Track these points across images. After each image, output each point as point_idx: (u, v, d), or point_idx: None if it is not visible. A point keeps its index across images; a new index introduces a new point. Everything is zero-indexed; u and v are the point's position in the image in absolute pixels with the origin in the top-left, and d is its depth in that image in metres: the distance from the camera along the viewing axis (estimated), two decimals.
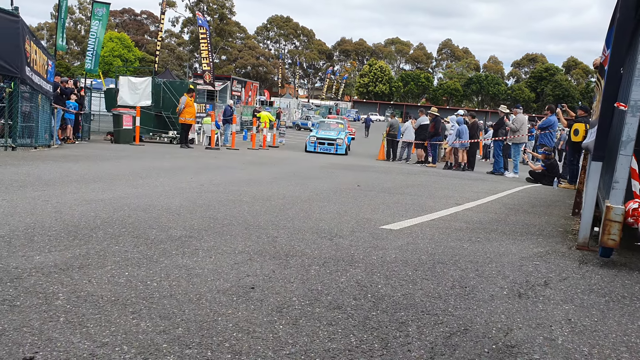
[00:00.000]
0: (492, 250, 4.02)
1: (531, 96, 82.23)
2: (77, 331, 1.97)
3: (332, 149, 21.57)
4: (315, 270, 3.04)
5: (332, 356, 1.91)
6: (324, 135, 22.11)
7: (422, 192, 8.56)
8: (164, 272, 2.77)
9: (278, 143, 25.69)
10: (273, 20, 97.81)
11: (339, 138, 21.86)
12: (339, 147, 21.69)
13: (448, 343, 2.10)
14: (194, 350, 1.88)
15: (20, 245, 3.12)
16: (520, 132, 16.19)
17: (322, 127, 24.35)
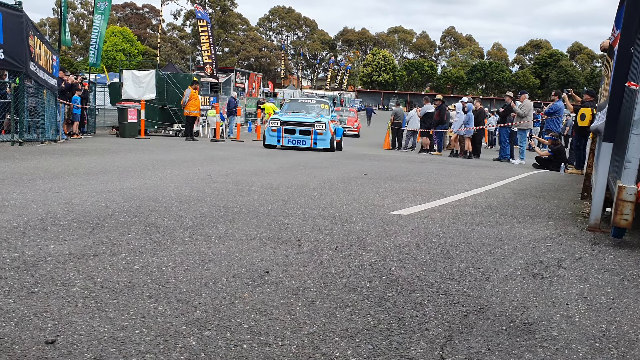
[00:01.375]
0: (504, 233, 4.01)
1: (536, 82, 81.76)
2: (97, 315, 1.98)
3: (306, 140, 14.33)
4: (328, 255, 3.04)
5: (351, 335, 1.91)
6: (294, 119, 14.53)
7: (430, 179, 8.54)
8: (179, 259, 2.78)
9: None
10: (275, 11, 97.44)
11: (319, 123, 14.41)
12: (319, 138, 14.36)
13: (465, 322, 2.10)
14: (213, 331, 1.89)
15: (34, 235, 3.14)
16: (526, 118, 16.11)
17: (292, 107, 16.20)
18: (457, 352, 1.82)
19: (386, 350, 1.81)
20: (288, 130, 14.33)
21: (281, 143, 14.40)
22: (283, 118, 14.68)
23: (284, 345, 1.81)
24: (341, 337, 1.89)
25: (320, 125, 14.43)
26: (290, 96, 57.52)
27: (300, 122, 14.46)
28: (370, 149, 19.85)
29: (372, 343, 1.86)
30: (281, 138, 14.35)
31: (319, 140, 14.42)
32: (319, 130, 14.40)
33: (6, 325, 1.85)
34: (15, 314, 1.96)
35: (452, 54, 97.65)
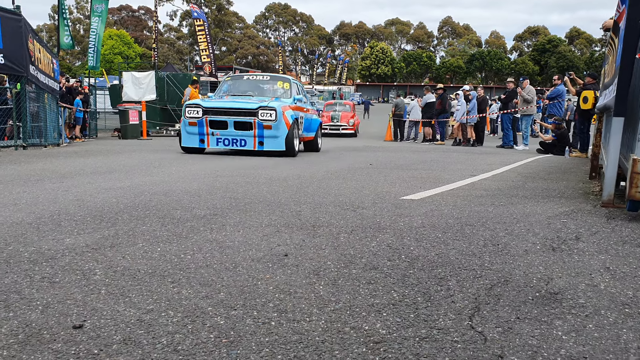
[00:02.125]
0: (517, 211, 4.00)
1: (535, 69, 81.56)
2: (121, 301, 1.97)
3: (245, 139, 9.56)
4: (344, 238, 3.03)
5: (377, 310, 1.90)
6: (225, 105, 9.76)
7: (436, 166, 8.53)
8: (196, 246, 2.77)
9: None
10: (271, 8, 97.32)
11: (266, 110, 9.37)
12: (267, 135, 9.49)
13: (491, 293, 2.09)
14: (239, 311, 1.88)
15: (49, 230, 3.13)
16: (532, 103, 16.06)
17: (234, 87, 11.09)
18: (486, 321, 1.80)
19: (415, 322, 1.80)
20: (216, 124, 9.51)
21: (207, 145, 9.65)
22: (207, 104, 9.79)
23: (311, 321, 1.80)
24: (368, 312, 1.88)
25: (268, 114, 9.26)
26: None
27: (235, 110, 9.44)
28: (372, 141, 19.83)
29: (400, 316, 1.84)
30: (206, 136, 9.61)
31: (267, 139, 9.47)
32: (265, 121, 9.29)
33: (32, 313, 1.85)
34: (39, 302, 1.95)
35: (450, 44, 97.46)
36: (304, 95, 11.90)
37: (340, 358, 1.53)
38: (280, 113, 9.49)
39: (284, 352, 1.56)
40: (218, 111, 9.62)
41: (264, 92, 10.88)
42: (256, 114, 9.41)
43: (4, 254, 2.60)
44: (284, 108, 9.67)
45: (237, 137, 9.61)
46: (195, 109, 9.68)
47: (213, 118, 9.56)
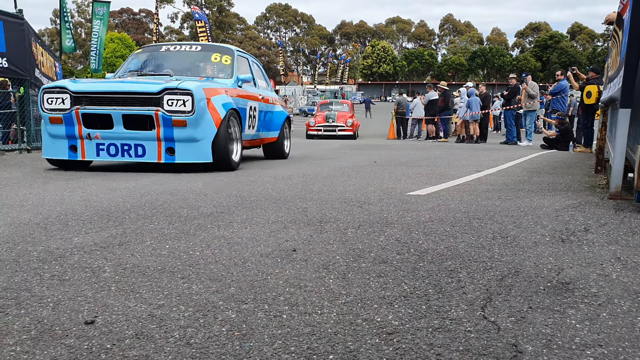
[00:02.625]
0: (525, 205, 3.99)
1: (537, 65, 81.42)
2: (131, 297, 1.97)
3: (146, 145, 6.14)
4: (352, 233, 3.03)
5: (389, 302, 1.89)
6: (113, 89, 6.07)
7: (440, 163, 8.53)
8: (204, 243, 2.77)
9: None
10: (272, 9, 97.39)
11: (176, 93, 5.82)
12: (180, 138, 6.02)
13: (502, 284, 2.08)
14: (250, 305, 1.87)
15: (57, 230, 3.14)
16: (536, 99, 16.02)
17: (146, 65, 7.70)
18: (498, 311, 1.80)
19: (427, 313, 1.79)
20: (94, 120, 6.17)
21: (80, 154, 6.33)
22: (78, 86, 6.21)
23: (323, 313, 1.79)
24: (379, 304, 1.87)
25: (178, 102, 5.87)
26: (292, 93, 56.68)
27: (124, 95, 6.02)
28: (375, 140, 19.83)
29: (412, 308, 1.84)
30: (79, 141, 6.27)
31: (179, 144, 6.12)
32: (175, 114, 5.91)
33: (43, 310, 1.84)
34: (50, 299, 1.95)
35: (452, 42, 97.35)
36: (261, 78, 8.80)
37: (353, 349, 1.52)
38: (202, 100, 6.04)
39: (297, 344, 1.56)
40: (96, 98, 6.08)
41: (194, 71, 7.56)
42: (160, 101, 5.91)
43: (12, 253, 2.60)
44: (209, 92, 6.21)
45: (129, 141, 6.18)
46: (58, 95, 6.10)
47: (88, 110, 6.06)
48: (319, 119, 21.22)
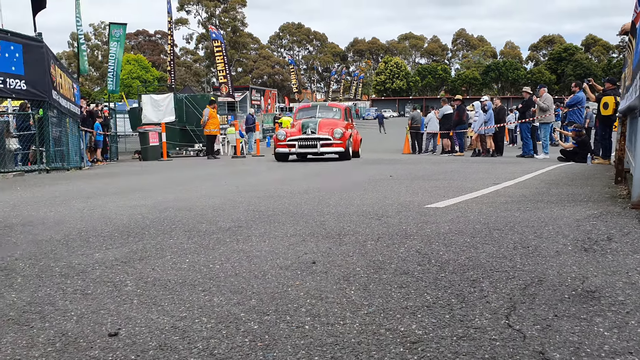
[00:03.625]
0: (545, 215, 3.94)
1: (552, 78, 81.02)
2: (154, 309, 1.98)
3: None
4: (371, 245, 3.01)
5: (412, 312, 1.88)
6: None
7: (457, 176, 8.48)
8: (224, 257, 2.78)
9: None
10: (285, 28, 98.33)
11: None
12: None
13: (526, 293, 2.05)
14: (272, 316, 1.87)
15: (78, 246, 3.17)
16: (549, 112, 15.92)
17: None
18: (523, 320, 1.77)
19: (450, 322, 1.77)
20: None
21: None
22: None
23: (345, 324, 1.78)
24: (402, 314, 1.86)
25: None
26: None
27: None
28: (390, 154, 19.80)
29: (435, 317, 1.82)
30: None
31: None
32: None
33: (67, 323, 1.86)
34: (73, 313, 1.97)
35: (465, 56, 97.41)
36: None
37: (377, 358, 1.51)
38: None
39: (321, 354, 1.55)
40: None
41: None
42: None
43: (35, 269, 2.63)
44: None
45: None
46: None
47: None
48: (293, 129, 14.36)
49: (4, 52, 9.63)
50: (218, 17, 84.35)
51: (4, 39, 9.74)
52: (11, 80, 9.85)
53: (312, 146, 13.60)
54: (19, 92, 10.19)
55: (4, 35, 9.87)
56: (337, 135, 13.61)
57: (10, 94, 10.30)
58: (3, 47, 9.64)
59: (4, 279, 2.44)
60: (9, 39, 9.90)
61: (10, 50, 9.81)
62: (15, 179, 9.31)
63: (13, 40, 10.00)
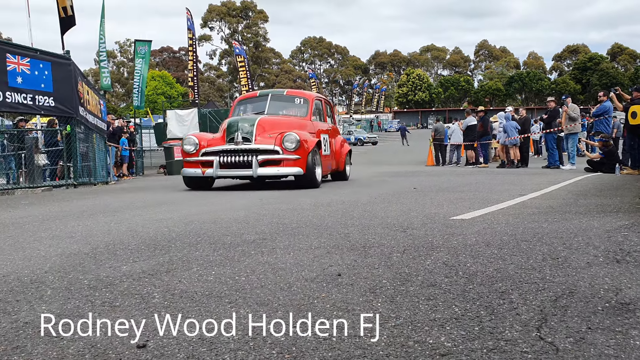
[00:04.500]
0: (573, 226, 3.87)
1: (577, 88, 80.00)
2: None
3: None
4: (397, 257, 2.99)
5: (440, 324, 1.85)
6: None
7: (482, 188, 8.40)
8: (249, 269, 2.78)
9: None
10: (306, 42, 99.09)
11: None
12: None
13: (557, 305, 2.01)
14: (299, 328, 1.86)
15: (105, 259, 3.20)
16: (577, 121, 15.70)
17: None
18: (555, 332, 1.73)
19: (480, 334, 1.74)
20: None
21: None
22: None
23: (373, 336, 1.76)
24: (431, 327, 1.83)
25: None
26: None
27: None
28: (413, 167, 19.70)
29: (464, 329, 1.79)
30: None
31: None
32: None
33: (96, 335, 1.87)
34: (102, 324, 1.98)
35: (488, 67, 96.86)
36: None
37: None
38: None
39: None
40: None
41: None
42: None
43: (64, 281, 2.66)
44: None
45: None
46: None
47: None
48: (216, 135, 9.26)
49: (33, 70, 9.88)
50: (241, 33, 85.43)
51: (34, 57, 10.00)
52: (40, 97, 10.09)
53: (242, 164, 8.30)
54: (48, 108, 10.42)
55: (33, 53, 10.12)
56: (289, 146, 8.16)
57: (39, 111, 10.54)
58: (32, 65, 9.89)
59: (35, 291, 2.47)
60: (39, 57, 10.15)
61: (39, 68, 10.06)
62: (43, 194, 9.50)
63: (42, 58, 10.25)
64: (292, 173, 8.54)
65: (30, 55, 9.93)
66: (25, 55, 9.77)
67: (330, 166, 10.30)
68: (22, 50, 9.94)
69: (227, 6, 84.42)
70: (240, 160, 8.39)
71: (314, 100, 10.22)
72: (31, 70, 9.85)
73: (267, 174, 8.49)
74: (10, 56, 9.42)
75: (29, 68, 9.79)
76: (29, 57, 9.85)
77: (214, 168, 8.42)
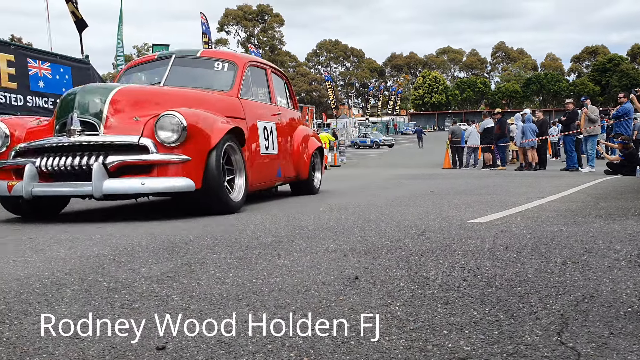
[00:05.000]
0: (594, 230, 3.82)
1: (596, 89, 79.05)
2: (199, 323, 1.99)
3: None
4: (415, 260, 2.98)
5: (459, 328, 1.84)
6: None
7: (500, 191, 8.34)
8: (266, 271, 2.79)
9: (339, 162, 25.82)
10: (322, 45, 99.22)
11: None
12: None
13: (578, 309, 1.99)
14: (317, 331, 1.86)
15: (124, 262, 3.23)
16: (597, 123, 15.51)
17: None
18: (577, 337, 1.71)
19: (500, 338, 1.72)
20: None
21: None
22: None
23: (391, 340, 1.76)
24: (449, 330, 1.82)
25: None
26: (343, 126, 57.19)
27: None
28: (430, 169, 19.62)
29: (484, 333, 1.78)
30: None
31: None
32: None
33: (116, 336, 1.89)
34: (121, 326, 2.00)
35: (505, 69, 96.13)
36: None
37: None
38: None
39: None
40: None
41: None
42: None
43: (84, 283, 2.69)
44: None
45: None
46: None
47: None
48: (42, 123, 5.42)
49: (54, 74, 10.02)
50: (257, 36, 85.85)
51: (54, 62, 10.14)
52: None
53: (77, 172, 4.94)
54: None
55: (53, 58, 10.27)
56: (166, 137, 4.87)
57: None
58: (54, 69, 10.04)
59: (55, 292, 2.50)
60: (59, 62, 10.30)
61: (60, 73, 10.20)
62: None
63: (62, 62, 10.39)
64: (171, 188, 4.99)
65: (50, 60, 10.07)
66: (45, 60, 9.92)
67: (280, 172, 7.18)
68: (43, 55, 10.08)
69: (244, 10, 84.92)
70: (72, 166, 4.86)
71: (246, 65, 6.45)
72: (52, 74, 9.99)
73: (121, 190, 4.93)
74: (32, 61, 9.56)
75: (50, 72, 9.93)
76: (49, 61, 9.99)
77: (24, 180, 4.86)
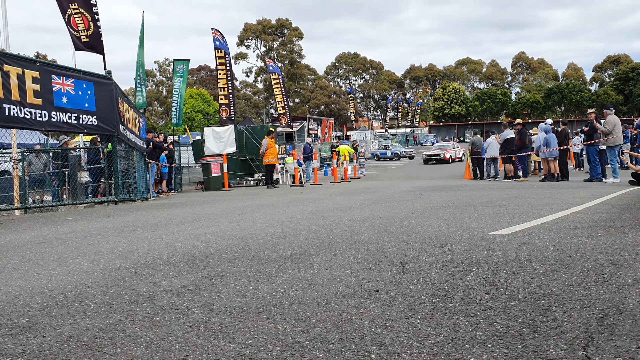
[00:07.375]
0: (618, 241, 3.75)
1: (619, 99, 77.88)
2: (220, 336, 2.00)
3: None
4: (436, 273, 2.95)
5: (482, 342, 1.81)
6: None
7: (522, 202, 8.23)
8: (287, 284, 2.79)
9: (359, 174, 25.76)
10: (341, 58, 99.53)
11: None
12: None
13: (603, 323, 1.95)
14: (337, 345, 1.85)
15: (146, 274, 3.25)
16: (613, 134, 15.28)
17: None
18: (603, 351, 1.67)
19: (523, 353, 1.69)
20: None
21: None
22: None
23: (413, 353, 1.74)
24: (472, 344, 1.79)
25: None
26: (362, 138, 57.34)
27: None
28: (450, 181, 19.46)
29: (507, 347, 1.75)
30: None
31: None
32: None
33: (137, 349, 1.90)
34: (143, 339, 2.01)
35: (525, 79, 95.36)
36: None
37: None
38: None
39: None
40: None
41: None
42: None
43: (106, 296, 2.71)
44: None
45: None
46: None
47: None
48: None
49: (77, 90, 10.21)
50: (276, 50, 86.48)
51: (77, 78, 10.33)
52: (84, 117, 10.41)
53: None
54: (91, 127, 10.72)
55: (77, 74, 10.46)
56: None
57: (82, 130, 10.85)
58: (77, 85, 10.22)
59: (78, 305, 2.53)
60: (82, 78, 10.49)
61: (82, 88, 10.39)
62: (86, 210, 9.75)
63: (85, 78, 10.58)
64: None
65: (74, 76, 10.27)
66: (69, 76, 10.11)
67: None
68: (67, 71, 10.28)
69: (263, 24, 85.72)
70: None
71: None
72: (75, 90, 10.18)
73: None
74: (56, 77, 9.76)
75: (73, 88, 10.12)
76: (72, 77, 10.18)
77: None
